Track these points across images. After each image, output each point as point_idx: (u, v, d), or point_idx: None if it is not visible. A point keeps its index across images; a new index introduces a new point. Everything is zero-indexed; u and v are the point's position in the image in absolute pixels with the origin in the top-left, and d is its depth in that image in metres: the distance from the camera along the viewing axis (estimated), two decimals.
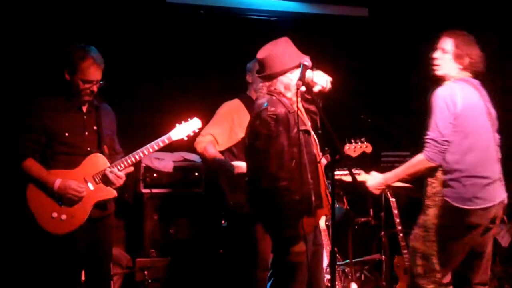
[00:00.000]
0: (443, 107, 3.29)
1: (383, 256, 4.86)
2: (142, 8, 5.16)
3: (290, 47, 3.36)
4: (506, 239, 5.52)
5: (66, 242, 3.37)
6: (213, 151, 4.13)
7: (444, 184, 3.33)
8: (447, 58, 3.43)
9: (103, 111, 3.60)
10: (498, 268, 5.49)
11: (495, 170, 3.38)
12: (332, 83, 3.37)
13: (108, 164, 3.51)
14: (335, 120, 3.21)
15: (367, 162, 3.54)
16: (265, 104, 3.26)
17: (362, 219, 5.12)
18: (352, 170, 3.23)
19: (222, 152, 4.17)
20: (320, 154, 3.42)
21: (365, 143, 4.05)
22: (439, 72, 3.46)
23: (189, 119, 3.77)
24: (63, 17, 4.85)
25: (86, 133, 3.50)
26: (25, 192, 3.36)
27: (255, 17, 5.62)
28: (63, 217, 3.38)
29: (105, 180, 3.49)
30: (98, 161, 3.51)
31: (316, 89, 3.31)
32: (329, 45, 5.53)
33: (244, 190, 4.00)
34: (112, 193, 3.53)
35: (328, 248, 4.06)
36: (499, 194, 3.37)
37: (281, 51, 3.31)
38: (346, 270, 4.64)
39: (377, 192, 3.56)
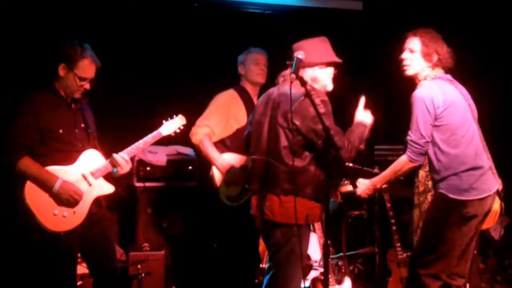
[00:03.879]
0: (423, 109, 3.36)
1: (376, 249, 4.88)
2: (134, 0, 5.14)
3: (326, 45, 3.44)
4: (498, 232, 5.55)
5: (65, 239, 3.34)
6: (208, 145, 4.13)
7: (440, 180, 3.39)
8: (415, 57, 3.49)
9: (85, 109, 3.62)
10: (491, 261, 5.52)
11: (486, 159, 3.44)
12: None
13: (104, 159, 3.52)
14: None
15: (360, 156, 3.55)
16: (301, 96, 3.25)
17: (356, 213, 5.13)
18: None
19: (214, 143, 4.17)
20: None
21: None
22: (409, 72, 3.52)
23: (174, 116, 3.80)
24: (47, 13, 4.80)
25: (76, 130, 3.50)
26: (23, 190, 3.29)
27: (249, 10, 5.60)
28: (65, 213, 3.34)
29: (106, 173, 3.49)
30: (94, 156, 3.51)
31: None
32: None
33: (237, 183, 4.01)
34: (110, 188, 3.53)
35: (321, 241, 4.08)
36: (493, 184, 3.43)
37: (316, 44, 3.40)
38: (339, 263, 4.65)
39: (367, 196, 3.68)
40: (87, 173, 3.45)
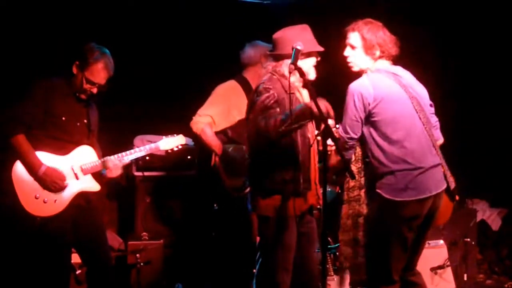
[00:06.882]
0: (351, 104, 3.21)
1: None
2: None
3: (306, 33, 3.37)
4: (497, 223, 5.56)
5: (48, 226, 3.39)
6: (210, 134, 4.14)
7: (377, 178, 3.21)
8: (357, 53, 3.32)
9: (91, 108, 3.67)
10: (489, 252, 5.54)
11: (428, 158, 3.23)
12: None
13: (97, 158, 3.57)
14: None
15: None
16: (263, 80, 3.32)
17: None
18: None
19: (216, 133, 4.18)
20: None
21: None
22: (354, 69, 3.36)
23: (175, 135, 3.91)
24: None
25: (78, 124, 3.55)
26: (12, 168, 3.35)
27: (247, 0, 5.57)
28: (46, 199, 3.39)
29: (95, 172, 3.54)
30: (88, 153, 3.57)
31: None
32: (323, 29, 5.49)
33: (240, 173, 4.02)
34: (96, 186, 3.57)
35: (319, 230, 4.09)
36: (436, 184, 3.22)
37: (294, 35, 3.31)
38: (337, 253, 4.66)
39: None
40: (76, 167, 3.50)
